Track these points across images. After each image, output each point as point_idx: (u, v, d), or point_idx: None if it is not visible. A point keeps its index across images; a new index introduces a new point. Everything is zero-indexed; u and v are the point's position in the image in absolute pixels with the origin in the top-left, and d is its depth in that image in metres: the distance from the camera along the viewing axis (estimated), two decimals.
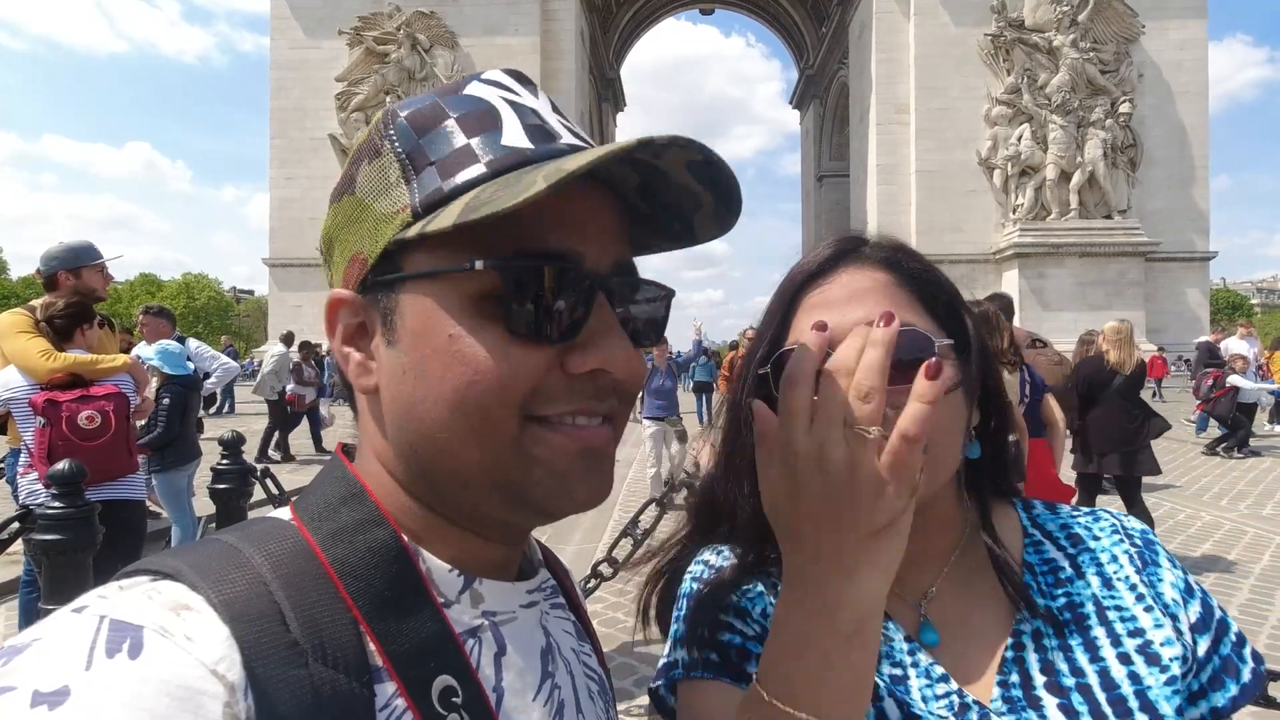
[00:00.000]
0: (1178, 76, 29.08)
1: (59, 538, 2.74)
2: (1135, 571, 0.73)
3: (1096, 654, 0.68)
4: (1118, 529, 0.77)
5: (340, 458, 0.55)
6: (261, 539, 0.47)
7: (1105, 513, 0.80)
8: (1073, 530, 0.78)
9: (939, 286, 0.73)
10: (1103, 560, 0.74)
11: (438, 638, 0.48)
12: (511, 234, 0.48)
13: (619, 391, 0.52)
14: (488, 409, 0.47)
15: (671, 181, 0.51)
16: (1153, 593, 0.71)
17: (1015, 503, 0.82)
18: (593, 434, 0.50)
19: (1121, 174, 28.24)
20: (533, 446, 0.48)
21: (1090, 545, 0.76)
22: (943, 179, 29.03)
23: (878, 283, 0.70)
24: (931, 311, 0.71)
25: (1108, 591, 0.72)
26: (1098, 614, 0.71)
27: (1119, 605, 0.71)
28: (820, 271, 0.72)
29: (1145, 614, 0.70)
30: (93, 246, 3.96)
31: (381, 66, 29.99)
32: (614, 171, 0.51)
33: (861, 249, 0.73)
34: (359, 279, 0.51)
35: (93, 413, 3.32)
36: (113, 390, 3.45)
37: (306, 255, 30.16)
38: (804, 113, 48.52)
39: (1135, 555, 0.74)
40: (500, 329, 0.47)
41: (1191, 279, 29.30)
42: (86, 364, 3.48)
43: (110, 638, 0.37)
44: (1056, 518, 0.79)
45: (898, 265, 0.72)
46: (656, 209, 0.55)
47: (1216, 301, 54.66)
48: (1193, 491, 8.77)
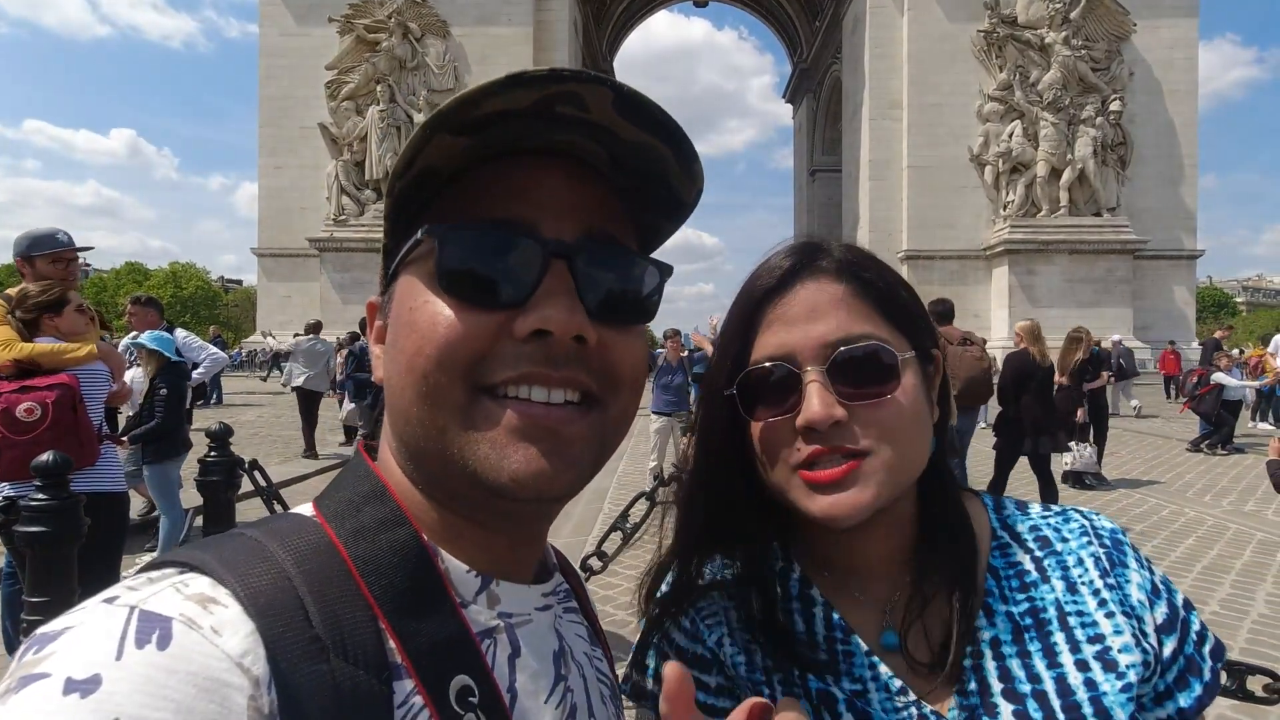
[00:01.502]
0: (1168, 75, 29.26)
1: (43, 530, 2.71)
2: (1100, 575, 0.72)
3: (1055, 660, 0.68)
4: (1086, 530, 0.76)
5: (363, 455, 0.56)
6: (286, 535, 0.48)
7: (1076, 512, 0.79)
8: (1041, 532, 0.77)
9: (896, 293, 0.72)
10: (1069, 563, 0.74)
11: (456, 637, 0.48)
12: (462, 206, 0.51)
13: (591, 369, 0.51)
14: (429, 374, 0.48)
15: (623, 140, 0.51)
16: (1118, 595, 0.71)
17: (986, 501, 0.81)
18: (542, 411, 0.49)
19: (1111, 172, 28.42)
20: (479, 418, 0.48)
21: (1057, 548, 0.75)
22: (934, 175, 29.15)
23: (837, 295, 0.69)
24: (892, 319, 0.71)
25: (1071, 596, 0.71)
26: (1059, 619, 0.70)
27: (1081, 610, 0.70)
28: (780, 286, 0.71)
29: (1106, 620, 0.69)
30: (52, 235, 3.79)
31: (372, 55, 29.71)
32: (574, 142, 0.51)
33: (818, 260, 0.72)
34: (383, 278, 0.56)
35: (32, 404, 3.22)
36: (61, 380, 3.33)
37: (296, 245, 29.91)
38: (797, 107, 48.47)
39: (1103, 556, 0.74)
40: (451, 298, 0.49)
41: (1179, 277, 29.59)
42: (49, 353, 3.39)
43: (140, 628, 0.38)
44: (1026, 518, 0.79)
45: (856, 275, 0.71)
46: (635, 179, 0.55)
47: (1203, 300, 55.27)
48: (1177, 488, 8.87)
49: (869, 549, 0.74)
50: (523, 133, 0.50)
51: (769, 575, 0.77)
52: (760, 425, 0.70)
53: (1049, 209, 28.04)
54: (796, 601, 0.76)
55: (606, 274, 0.52)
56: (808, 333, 0.68)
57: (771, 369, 0.68)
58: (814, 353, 0.67)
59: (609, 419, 0.53)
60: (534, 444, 0.48)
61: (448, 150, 0.49)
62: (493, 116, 0.47)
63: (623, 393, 0.53)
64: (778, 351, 0.69)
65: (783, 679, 0.72)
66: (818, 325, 0.68)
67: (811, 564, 0.78)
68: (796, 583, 0.77)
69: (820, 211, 41.82)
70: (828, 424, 0.65)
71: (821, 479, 0.66)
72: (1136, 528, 6.99)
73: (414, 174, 0.50)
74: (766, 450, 0.70)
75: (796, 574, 0.78)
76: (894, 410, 0.67)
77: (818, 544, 0.77)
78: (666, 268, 0.56)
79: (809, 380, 0.66)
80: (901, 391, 0.67)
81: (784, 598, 0.76)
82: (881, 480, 0.66)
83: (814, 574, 0.77)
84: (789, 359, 0.68)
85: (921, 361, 0.72)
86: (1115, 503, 8.07)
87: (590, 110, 0.48)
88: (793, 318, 0.69)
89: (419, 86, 29.48)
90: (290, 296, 29.87)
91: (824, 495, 0.66)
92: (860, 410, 0.66)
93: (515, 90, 0.45)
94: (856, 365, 0.66)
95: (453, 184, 0.52)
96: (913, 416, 0.68)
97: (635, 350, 0.54)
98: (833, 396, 0.66)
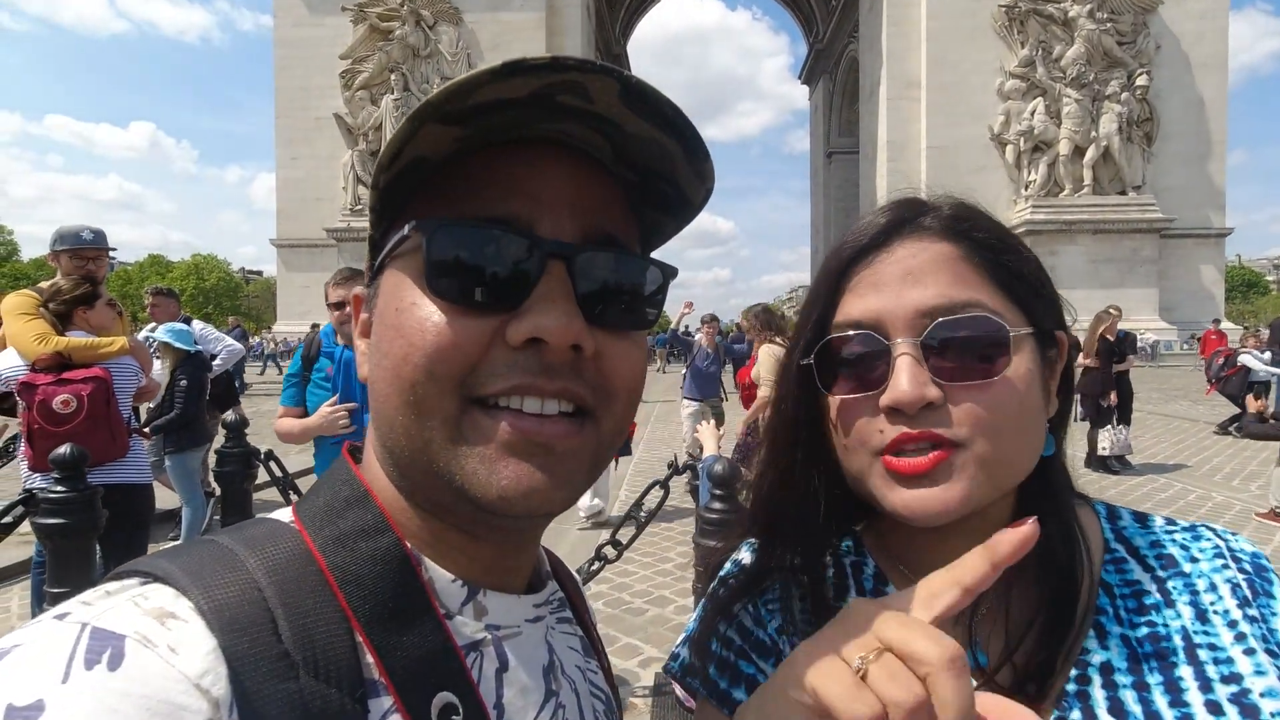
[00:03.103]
0: (1197, 48, 28.49)
1: (60, 521, 2.76)
2: (1238, 605, 0.61)
3: (1179, 697, 0.57)
4: (1221, 552, 0.65)
5: (346, 459, 0.53)
6: (259, 542, 0.45)
7: (1208, 529, 0.67)
8: (1165, 550, 0.66)
9: (1017, 258, 0.62)
10: (1199, 588, 0.62)
11: (439, 652, 0.46)
12: (453, 199, 0.47)
13: (586, 379, 0.47)
14: (417, 383, 0.45)
15: (629, 133, 0.48)
16: (1260, 630, 0.60)
17: (1099, 510, 0.71)
18: (535, 424, 0.45)
19: (1137, 149, 27.83)
20: (469, 430, 0.45)
21: (1185, 569, 0.64)
22: (953, 155, 28.64)
23: (941, 256, 0.60)
24: (1007, 289, 0.61)
25: (1200, 626, 0.60)
26: (1186, 651, 0.59)
27: (1213, 644, 0.59)
28: (873, 245, 0.62)
29: (1245, 657, 0.58)
30: (77, 233, 3.92)
31: (385, 44, 29.74)
32: (573, 133, 0.48)
33: (921, 217, 0.62)
34: (369, 270, 0.53)
35: (68, 396, 3.28)
36: (95, 374, 3.41)
37: (314, 235, 30.18)
38: (813, 88, 47.85)
39: (1243, 584, 0.62)
40: (441, 300, 0.45)
41: (1206, 256, 28.98)
42: (82, 347, 3.46)
43: (90, 647, 0.35)
44: (1147, 532, 0.68)
45: (966, 234, 0.61)
46: (639, 174, 0.52)
47: (1231, 279, 54.01)
48: (1204, 472, 8.72)
49: (956, 550, 0.64)
50: (520, 121, 0.46)
51: (839, 566, 0.71)
52: (839, 401, 0.61)
53: (1072, 188, 27.54)
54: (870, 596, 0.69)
55: (607, 277, 0.49)
56: (901, 298, 0.59)
57: (855, 338, 0.60)
58: (907, 322, 0.58)
59: (603, 433, 0.49)
60: (526, 460, 0.45)
61: (438, 139, 0.45)
62: (487, 105, 0.44)
63: (617, 405, 0.50)
64: (864, 318, 0.60)
65: None
66: (914, 290, 0.59)
67: (887, 559, 0.70)
68: (870, 578, 0.70)
69: (837, 194, 41.37)
70: (917, 406, 0.56)
71: (905, 469, 0.57)
72: (1162, 513, 6.86)
73: (401, 165, 0.47)
74: (845, 430, 0.61)
75: (870, 568, 0.70)
76: (999, 396, 0.57)
77: (895, 539, 0.69)
78: (670, 270, 0.53)
79: (899, 353, 0.57)
80: (1011, 374, 0.58)
81: (855, 591, 0.69)
82: (975, 477, 0.57)
83: (890, 570, 0.69)
84: (877, 327, 0.59)
85: (1040, 343, 0.62)
86: (1139, 488, 7.94)
87: (594, 101, 0.45)
88: (884, 280, 0.60)
89: (432, 74, 29.48)
90: (309, 286, 30.10)
91: (907, 488, 0.58)
92: (958, 392, 0.57)
93: (512, 79, 0.42)
94: (957, 339, 0.57)
95: (443, 172, 0.48)
96: (1022, 406, 0.58)
97: (633, 359, 0.51)
98: (926, 374, 0.57)
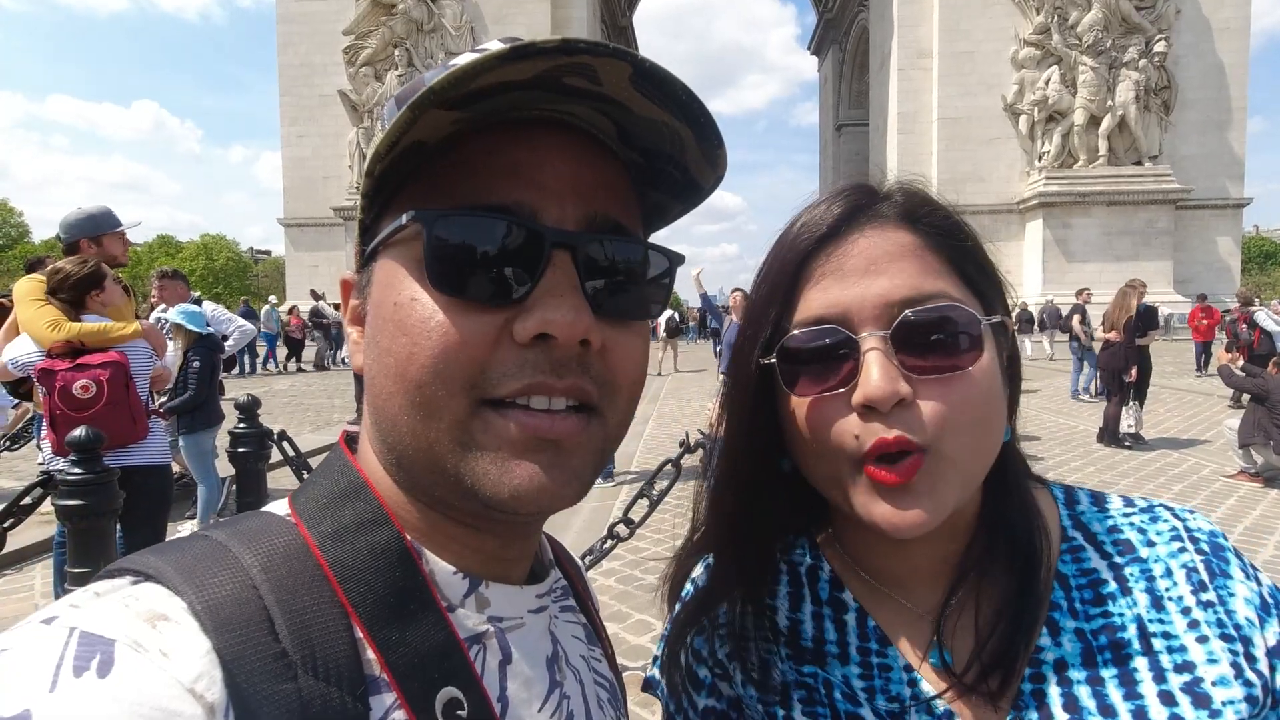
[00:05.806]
0: (1218, 12, 27.72)
1: (79, 503, 2.79)
2: (1191, 591, 0.61)
3: (1133, 690, 0.57)
4: (1179, 534, 0.64)
5: (342, 449, 0.52)
6: (254, 537, 0.44)
7: (1165, 510, 0.66)
8: (1122, 534, 0.65)
9: (971, 244, 0.62)
10: (1155, 573, 0.62)
11: (442, 646, 0.45)
12: (451, 184, 0.45)
13: (593, 374, 0.46)
14: (424, 385, 0.43)
15: (636, 115, 0.46)
16: (1215, 615, 0.60)
17: (1057, 495, 0.69)
18: (546, 422, 0.44)
19: (1154, 117, 27.23)
20: (479, 433, 0.44)
21: (1142, 554, 0.63)
22: (965, 126, 28.19)
23: (903, 245, 0.58)
24: (965, 277, 0.60)
25: (1156, 614, 0.60)
26: (1140, 641, 0.59)
27: (1168, 632, 0.59)
28: (831, 234, 0.60)
29: (1198, 645, 0.58)
30: (111, 212, 3.99)
31: (389, 18, 29.35)
32: (577, 113, 0.46)
33: (878, 205, 0.61)
34: (359, 255, 0.51)
35: (87, 381, 3.31)
36: (112, 358, 3.44)
37: (321, 214, 30.12)
38: (822, 59, 47.03)
39: (1200, 566, 0.62)
40: (442, 295, 0.44)
41: (1223, 227, 28.47)
42: (95, 333, 3.47)
43: (79, 653, 0.34)
44: (1105, 516, 0.67)
45: (924, 220, 0.60)
46: (646, 156, 0.50)
47: (1249, 250, 53.11)
48: (1219, 445, 8.64)
49: (920, 552, 0.64)
50: (523, 102, 0.44)
51: (793, 573, 0.70)
52: (806, 402, 0.59)
53: (1087, 159, 27.04)
54: (826, 606, 0.67)
55: (613, 266, 0.48)
56: (866, 289, 0.57)
57: (820, 333, 0.58)
58: (874, 314, 0.56)
59: (609, 427, 0.49)
60: (537, 458, 0.44)
61: (436, 123, 0.43)
62: (490, 88, 0.42)
63: (621, 399, 0.49)
64: (828, 312, 0.58)
65: (805, 697, 0.64)
66: (879, 280, 0.57)
67: (844, 563, 0.69)
68: (826, 584, 0.68)
69: (847, 167, 40.83)
70: (891, 402, 0.54)
71: (890, 481, 0.55)
72: (1175, 488, 6.84)
73: (399, 151, 0.44)
74: (814, 433, 0.59)
75: (826, 573, 0.69)
76: (970, 389, 0.56)
77: (854, 541, 0.68)
78: (677, 257, 0.51)
79: (868, 348, 0.56)
80: (980, 366, 0.56)
81: (811, 600, 0.68)
82: (953, 482, 0.56)
83: (846, 573, 0.68)
84: (843, 321, 0.57)
85: (995, 331, 0.60)
86: (1153, 463, 7.89)
87: (603, 83, 0.43)
88: (848, 271, 0.58)
89: (436, 49, 29.11)
90: (318, 265, 30.15)
91: (889, 502, 0.56)
92: (929, 386, 0.55)
93: (520, 63, 0.40)
94: (927, 331, 0.56)
95: (440, 156, 0.46)
96: (989, 396, 0.57)
97: (637, 351, 0.49)
98: (896, 368, 0.55)
